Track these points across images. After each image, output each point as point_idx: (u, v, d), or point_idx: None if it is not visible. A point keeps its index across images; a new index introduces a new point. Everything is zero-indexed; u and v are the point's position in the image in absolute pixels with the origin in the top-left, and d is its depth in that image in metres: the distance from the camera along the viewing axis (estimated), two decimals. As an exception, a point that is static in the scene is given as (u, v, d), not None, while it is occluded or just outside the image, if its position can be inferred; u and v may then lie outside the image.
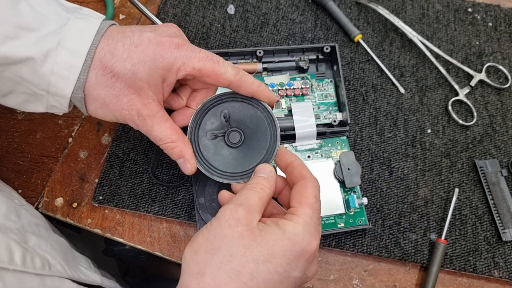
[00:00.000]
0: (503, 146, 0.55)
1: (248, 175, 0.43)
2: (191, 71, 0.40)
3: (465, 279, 0.49)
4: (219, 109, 0.45)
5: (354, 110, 0.57)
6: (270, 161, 0.43)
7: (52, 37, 0.37)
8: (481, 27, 0.63)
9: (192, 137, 0.44)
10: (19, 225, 0.40)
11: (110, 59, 0.39)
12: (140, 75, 0.39)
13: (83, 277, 0.45)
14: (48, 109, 0.41)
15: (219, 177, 0.43)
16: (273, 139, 0.44)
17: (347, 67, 0.59)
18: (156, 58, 0.39)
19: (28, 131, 0.55)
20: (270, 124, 0.44)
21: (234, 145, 0.45)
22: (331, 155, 0.52)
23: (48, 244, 0.42)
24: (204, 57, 0.41)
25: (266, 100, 0.44)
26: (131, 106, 0.40)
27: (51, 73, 0.38)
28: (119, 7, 0.63)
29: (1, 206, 0.40)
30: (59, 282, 0.40)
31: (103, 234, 0.50)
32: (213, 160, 0.44)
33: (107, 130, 0.55)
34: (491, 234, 0.51)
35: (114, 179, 0.52)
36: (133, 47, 0.39)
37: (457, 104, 0.58)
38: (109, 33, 0.40)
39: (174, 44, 0.40)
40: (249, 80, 0.42)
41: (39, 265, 0.38)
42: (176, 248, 0.49)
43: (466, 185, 0.53)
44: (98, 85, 0.39)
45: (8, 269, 0.34)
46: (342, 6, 0.63)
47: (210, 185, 0.50)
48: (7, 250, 0.34)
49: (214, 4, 0.63)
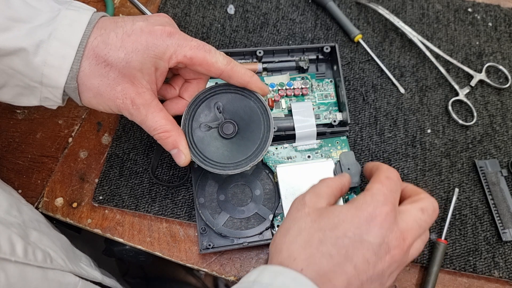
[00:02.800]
0: (503, 146, 0.55)
1: (242, 165, 0.43)
2: (182, 59, 0.41)
3: (465, 279, 0.49)
4: (213, 101, 0.45)
5: (354, 110, 0.57)
6: (264, 151, 0.44)
7: (44, 28, 0.38)
8: (481, 27, 0.63)
9: (186, 129, 0.44)
10: (20, 220, 0.40)
11: (103, 48, 0.39)
12: (133, 63, 0.39)
13: (84, 273, 0.45)
14: (42, 101, 0.42)
15: (213, 168, 0.43)
16: (266, 129, 0.45)
17: (347, 67, 0.59)
18: (148, 46, 0.40)
19: (28, 131, 0.55)
20: (263, 114, 0.45)
21: (228, 136, 0.45)
22: (331, 155, 0.52)
23: (49, 239, 0.42)
24: (195, 45, 0.41)
25: (259, 91, 0.45)
26: (125, 95, 0.40)
27: (44, 63, 0.38)
28: (119, 7, 0.63)
29: (3, 202, 0.40)
30: (61, 275, 0.40)
31: (103, 234, 0.50)
32: (207, 151, 0.44)
33: (107, 130, 0.55)
34: (491, 234, 0.51)
35: (114, 179, 0.52)
36: (126, 36, 0.40)
37: (457, 104, 0.58)
38: (101, 24, 0.40)
39: (166, 33, 0.40)
40: (240, 71, 0.43)
41: (41, 258, 0.38)
42: (176, 248, 0.50)
43: (466, 185, 0.53)
44: (91, 75, 0.40)
45: (10, 260, 0.34)
46: (342, 6, 0.63)
47: (210, 185, 0.50)
48: (9, 242, 0.34)
49: (214, 4, 0.63)
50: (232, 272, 0.49)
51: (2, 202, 0.40)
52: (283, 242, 0.37)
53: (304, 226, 0.37)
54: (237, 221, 0.49)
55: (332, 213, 0.37)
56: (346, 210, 0.37)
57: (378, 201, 0.37)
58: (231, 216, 0.49)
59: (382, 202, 0.37)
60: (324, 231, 0.36)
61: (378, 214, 0.36)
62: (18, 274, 0.35)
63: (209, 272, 0.49)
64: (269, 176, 0.51)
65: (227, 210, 0.49)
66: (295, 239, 0.36)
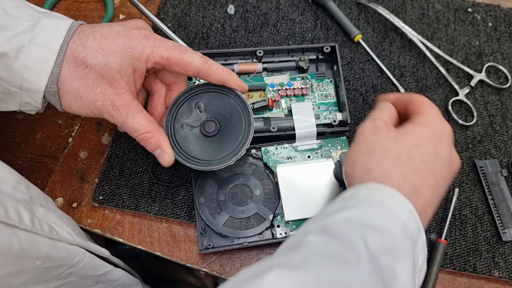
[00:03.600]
0: (503, 146, 0.55)
1: (226, 161, 0.44)
2: (159, 59, 0.42)
3: (465, 279, 0.49)
4: (194, 101, 0.47)
5: (354, 110, 0.57)
6: (246, 144, 0.45)
7: (25, 34, 0.39)
8: (481, 27, 0.63)
9: (168, 130, 0.45)
10: (27, 196, 0.41)
11: (81, 51, 0.40)
12: (111, 64, 0.40)
13: (92, 247, 0.45)
14: (21, 106, 0.42)
15: (197, 165, 0.45)
16: (247, 124, 0.46)
17: (347, 67, 0.59)
18: (125, 48, 0.41)
19: (28, 131, 0.55)
20: (244, 110, 0.46)
21: (211, 134, 0.46)
22: (331, 155, 0.52)
23: (56, 216, 0.42)
24: (171, 46, 0.42)
25: (237, 87, 0.46)
26: (104, 96, 0.41)
27: (24, 68, 0.39)
28: (119, 7, 0.63)
29: (11, 178, 0.40)
30: (68, 247, 0.41)
31: (103, 234, 0.50)
32: (191, 149, 0.45)
33: (107, 130, 0.55)
34: (491, 234, 0.51)
35: (114, 179, 0.52)
36: (103, 39, 0.41)
37: (457, 104, 0.58)
38: (80, 30, 0.41)
39: (142, 35, 0.42)
40: (218, 69, 0.44)
41: (47, 230, 0.38)
42: (176, 248, 0.50)
43: (466, 185, 0.53)
44: (71, 78, 0.40)
45: (19, 227, 0.34)
46: (342, 6, 0.63)
47: (210, 185, 0.50)
48: (16, 212, 0.35)
49: (214, 4, 0.63)
50: (232, 272, 0.49)
51: (10, 178, 0.40)
52: (371, 161, 0.38)
53: (388, 146, 0.39)
54: (237, 221, 0.49)
55: (410, 133, 0.39)
56: (420, 129, 0.40)
57: (440, 120, 0.41)
58: (231, 216, 0.49)
59: (443, 121, 0.41)
60: (410, 149, 0.38)
61: (444, 131, 0.40)
62: (29, 240, 0.35)
63: (209, 272, 0.49)
64: (269, 176, 0.51)
65: (227, 210, 0.49)
66: (384, 158, 0.38)
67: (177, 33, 0.60)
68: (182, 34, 0.60)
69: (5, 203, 0.34)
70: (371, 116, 0.42)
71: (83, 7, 0.62)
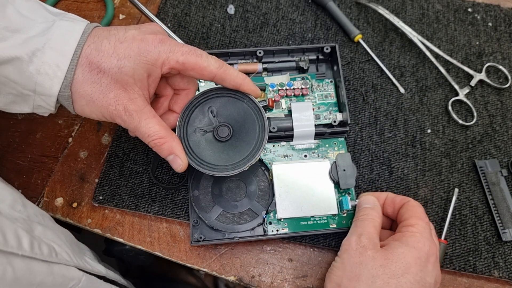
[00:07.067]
0: (503, 146, 0.55)
1: (240, 166, 0.44)
2: (175, 64, 0.41)
3: (465, 279, 0.49)
4: (206, 105, 0.46)
5: (354, 110, 0.57)
6: (261, 150, 0.44)
7: (39, 38, 0.38)
8: (481, 27, 0.63)
9: (181, 135, 0.45)
10: (25, 215, 0.40)
11: (96, 55, 0.39)
12: (125, 69, 0.40)
13: (88, 267, 0.45)
14: (34, 109, 0.42)
15: (211, 170, 0.44)
16: (261, 129, 0.45)
17: (347, 67, 0.59)
18: (140, 52, 0.40)
19: (28, 131, 0.55)
20: (257, 115, 0.46)
21: (224, 139, 0.45)
22: (327, 155, 0.52)
23: (54, 233, 0.42)
24: (187, 50, 0.42)
25: (251, 92, 0.45)
26: (117, 101, 0.40)
27: (38, 72, 0.38)
28: (119, 7, 0.63)
29: (7, 197, 0.40)
30: (65, 269, 0.41)
31: (103, 234, 0.50)
32: (204, 154, 0.45)
33: (107, 130, 0.55)
34: (491, 234, 0.51)
35: (114, 179, 0.52)
36: (118, 43, 0.40)
37: (457, 104, 0.58)
38: (95, 33, 0.41)
39: (157, 39, 0.41)
40: (233, 73, 0.44)
41: (46, 252, 0.38)
42: (176, 248, 0.50)
43: (466, 185, 0.53)
44: (84, 82, 0.40)
45: (17, 254, 0.34)
46: (342, 6, 0.63)
47: (205, 178, 0.50)
48: (16, 237, 0.34)
49: (214, 4, 0.63)
50: (232, 272, 0.49)
51: (6, 197, 0.40)
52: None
53: (375, 273, 0.39)
54: (230, 215, 0.49)
55: (397, 257, 0.40)
56: (408, 252, 0.40)
57: (428, 239, 0.41)
58: (224, 210, 0.49)
59: (431, 241, 0.41)
60: (398, 278, 0.38)
61: (431, 254, 0.41)
62: (24, 268, 0.35)
63: (209, 272, 0.49)
64: (265, 173, 0.51)
65: (220, 204, 0.49)
66: (371, 286, 0.38)
67: (177, 33, 0.60)
68: (182, 34, 0.60)
69: (5, 228, 0.34)
70: (356, 230, 0.42)
71: (83, 7, 0.62)
